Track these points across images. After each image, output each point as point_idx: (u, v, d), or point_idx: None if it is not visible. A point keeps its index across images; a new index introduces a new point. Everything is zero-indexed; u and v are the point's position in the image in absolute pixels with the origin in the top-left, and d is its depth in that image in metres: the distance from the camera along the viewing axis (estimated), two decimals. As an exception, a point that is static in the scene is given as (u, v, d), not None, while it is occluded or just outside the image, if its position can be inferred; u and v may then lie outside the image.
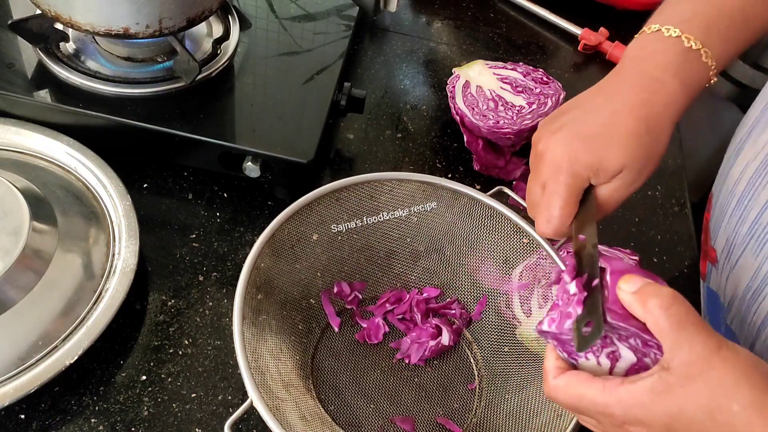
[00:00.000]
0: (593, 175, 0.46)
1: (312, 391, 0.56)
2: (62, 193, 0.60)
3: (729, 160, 0.62)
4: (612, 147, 0.45)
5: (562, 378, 0.41)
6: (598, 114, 0.47)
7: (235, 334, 0.49)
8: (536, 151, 0.48)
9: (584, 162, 0.45)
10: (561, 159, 0.46)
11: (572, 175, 0.45)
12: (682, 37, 0.47)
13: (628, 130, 0.45)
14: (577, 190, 0.46)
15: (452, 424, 0.56)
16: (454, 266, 0.62)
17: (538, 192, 0.48)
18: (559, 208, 0.46)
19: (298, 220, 0.57)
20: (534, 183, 0.48)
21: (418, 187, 0.60)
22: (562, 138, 0.46)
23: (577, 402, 0.40)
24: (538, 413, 0.52)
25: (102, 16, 0.60)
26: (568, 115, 0.48)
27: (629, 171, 0.46)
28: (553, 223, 0.46)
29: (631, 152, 0.45)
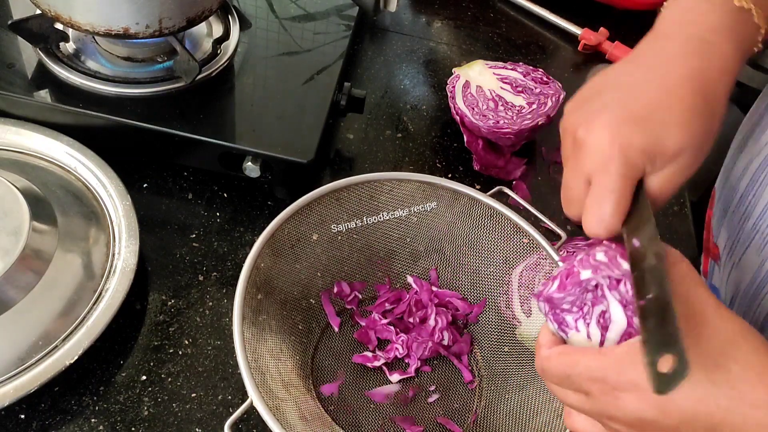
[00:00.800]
0: (649, 162, 0.39)
1: (312, 391, 0.56)
2: (62, 193, 0.60)
3: (732, 156, 0.61)
4: (669, 127, 0.39)
5: (556, 348, 0.39)
6: (645, 89, 0.40)
7: (235, 334, 0.49)
8: (575, 141, 0.41)
9: (639, 147, 0.38)
10: (611, 146, 0.39)
11: (626, 165, 0.39)
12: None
13: (684, 105, 0.39)
14: (631, 182, 0.39)
15: (452, 424, 0.56)
16: (454, 266, 0.62)
17: (580, 186, 0.41)
18: (613, 204, 0.39)
19: (298, 220, 0.57)
20: (574, 176, 0.41)
21: (418, 187, 0.60)
22: (608, 121, 0.39)
23: (570, 369, 0.37)
24: (538, 413, 0.52)
25: (102, 16, 0.60)
26: (606, 95, 0.41)
27: (688, 152, 0.39)
28: (606, 222, 0.39)
29: (691, 130, 0.39)
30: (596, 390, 0.37)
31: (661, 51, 0.42)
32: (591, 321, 0.39)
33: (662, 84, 0.40)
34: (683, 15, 0.43)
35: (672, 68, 0.41)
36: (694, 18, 0.43)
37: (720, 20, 0.42)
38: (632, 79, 0.42)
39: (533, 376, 0.55)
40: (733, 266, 0.57)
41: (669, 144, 0.39)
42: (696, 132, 0.39)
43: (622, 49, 0.87)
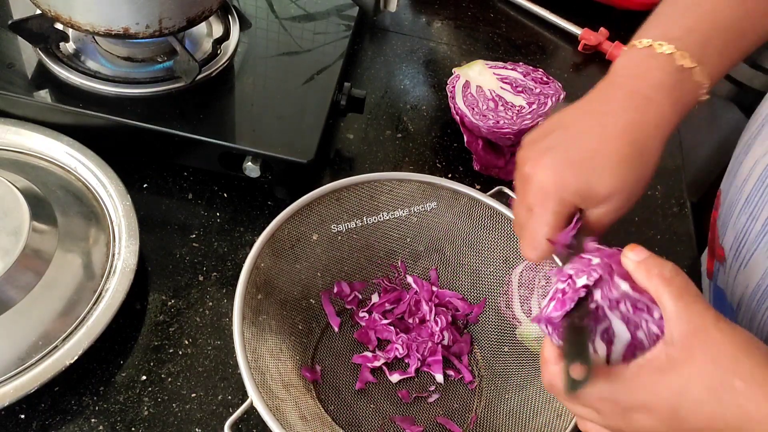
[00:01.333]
0: (581, 202, 0.45)
1: (312, 391, 0.56)
2: (62, 193, 0.60)
3: (738, 157, 0.61)
4: (601, 173, 0.44)
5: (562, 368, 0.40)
6: (587, 137, 0.45)
7: (235, 334, 0.49)
8: (522, 173, 0.46)
9: (572, 189, 0.44)
10: (549, 185, 0.44)
11: (559, 203, 0.44)
12: (675, 55, 0.46)
13: (618, 155, 0.44)
14: (564, 217, 0.45)
15: (452, 424, 0.56)
16: (454, 266, 0.62)
17: (524, 214, 0.47)
18: (545, 233, 0.45)
19: (298, 220, 0.57)
20: (520, 205, 0.47)
21: (418, 187, 0.60)
22: (550, 162, 0.45)
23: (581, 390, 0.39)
24: (538, 413, 0.52)
25: (102, 16, 0.60)
26: (555, 136, 0.46)
27: (619, 196, 0.44)
28: (538, 250, 0.45)
29: (621, 178, 0.44)
30: (607, 409, 0.39)
31: (606, 101, 0.47)
32: (596, 337, 0.40)
33: (601, 134, 0.45)
34: (632, 68, 0.47)
35: (612, 120, 0.45)
36: (640, 72, 0.46)
37: (662, 78, 0.45)
38: (580, 125, 0.46)
39: (533, 376, 0.55)
40: (740, 268, 0.57)
41: (600, 189, 0.44)
42: (626, 179, 0.44)
43: (621, 49, 0.87)
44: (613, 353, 0.39)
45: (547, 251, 0.45)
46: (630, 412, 0.38)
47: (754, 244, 0.55)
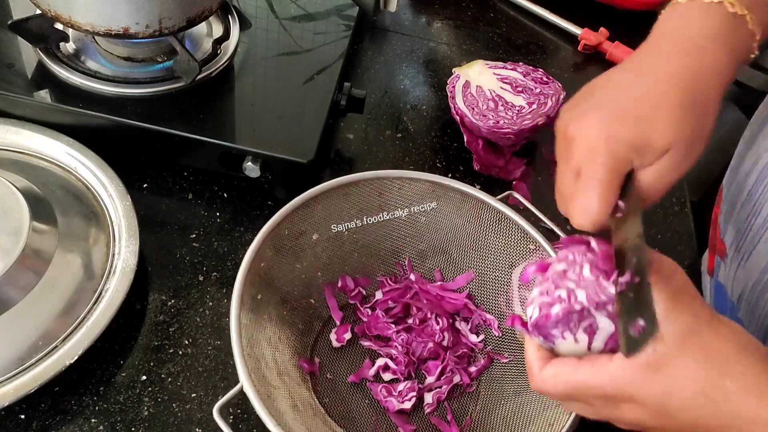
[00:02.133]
0: (637, 156, 0.39)
1: (308, 383, 0.56)
2: (62, 193, 0.60)
3: (740, 153, 0.61)
4: (657, 121, 0.39)
5: (549, 369, 0.40)
6: (635, 87, 0.41)
7: (231, 318, 0.49)
8: (565, 138, 0.42)
9: (625, 140, 0.39)
10: (597, 139, 0.39)
11: (612, 156, 0.39)
12: (725, 2, 0.42)
13: (675, 101, 0.39)
14: (618, 174, 0.39)
15: (444, 425, 0.55)
16: (460, 268, 0.62)
17: (571, 181, 0.41)
18: (599, 194, 0.39)
19: (304, 214, 0.57)
20: (565, 172, 0.42)
21: (427, 187, 0.60)
22: (597, 117, 0.40)
23: (570, 390, 0.39)
24: (532, 420, 0.52)
25: (102, 16, 0.60)
26: (598, 95, 0.42)
27: (678, 149, 0.39)
28: (591, 213, 0.39)
29: (680, 127, 0.39)
30: (598, 403, 0.39)
31: (652, 52, 0.43)
32: (578, 330, 0.39)
33: (652, 82, 0.41)
34: (677, 20, 0.44)
35: (663, 67, 0.41)
36: (687, 23, 0.43)
37: (713, 25, 0.42)
38: (624, 78, 0.43)
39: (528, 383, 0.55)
40: (741, 263, 0.57)
41: (656, 139, 0.39)
42: (684, 129, 0.40)
43: (622, 49, 0.87)
44: (595, 341, 0.39)
45: (601, 216, 0.39)
46: (620, 403, 0.37)
47: (755, 238, 0.55)
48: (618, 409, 0.38)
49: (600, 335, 0.39)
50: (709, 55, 0.41)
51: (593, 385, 0.38)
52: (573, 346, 0.39)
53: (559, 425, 0.49)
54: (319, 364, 0.57)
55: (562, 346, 0.40)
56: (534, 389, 0.41)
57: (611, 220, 0.39)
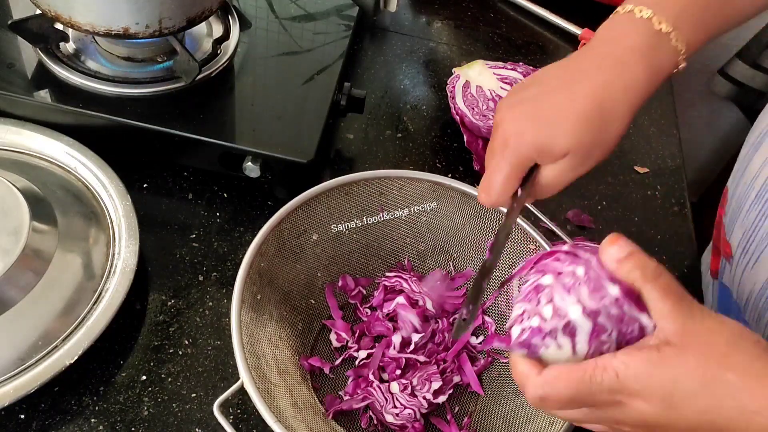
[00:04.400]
0: (538, 155, 0.46)
1: (308, 381, 0.56)
2: (62, 193, 0.60)
3: (747, 153, 0.61)
4: (559, 131, 0.45)
5: (548, 372, 0.39)
6: (555, 95, 0.46)
7: (232, 314, 0.49)
8: (495, 118, 0.48)
9: (530, 141, 0.45)
10: (509, 135, 0.46)
11: (517, 153, 0.46)
12: (653, 19, 0.46)
13: (579, 115, 0.45)
14: (519, 168, 0.46)
15: (443, 424, 0.55)
16: (461, 268, 0.62)
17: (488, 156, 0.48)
18: (500, 182, 0.46)
19: (305, 213, 0.57)
20: (489, 146, 0.49)
21: (428, 187, 0.60)
22: (516, 115, 0.46)
23: (573, 391, 0.38)
24: (532, 419, 0.52)
25: (102, 16, 0.60)
26: (529, 90, 0.48)
27: (574, 155, 0.45)
28: (491, 195, 0.47)
29: (579, 137, 0.45)
30: (600, 402, 0.38)
31: (583, 60, 0.48)
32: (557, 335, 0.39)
33: (570, 93, 0.46)
34: (611, 32, 0.49)
35: (584, 79, 0.46)
36: (618, 36, 0.48)
37: (639, 41, 0.46)
38: (553, 83, 0.48)
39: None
40: (748, 265, 0.57)
41: (557, 144, 0.45)
42: (583, 140, 0.45)
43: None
44: (578, 343, 0.38)
45: (499, 198, 0.47)
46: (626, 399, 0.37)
47: (764, 241, 0.55)
48: (623, 407, 0.38)
49: (580, 336, 0.38)
50: (628, 71, 0.46)
51: (598, 381, 0.37)
52: (558, 353, 0.39)
53: (559, 424, 0.49)
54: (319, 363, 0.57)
55: (548, 355, 0.39)
56: (531, 400, 0.40)
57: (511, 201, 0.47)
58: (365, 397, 0.55)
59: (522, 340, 0.40)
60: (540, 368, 0.40)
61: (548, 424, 0.50)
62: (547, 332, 0.39)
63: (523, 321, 0.41)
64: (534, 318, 0.40)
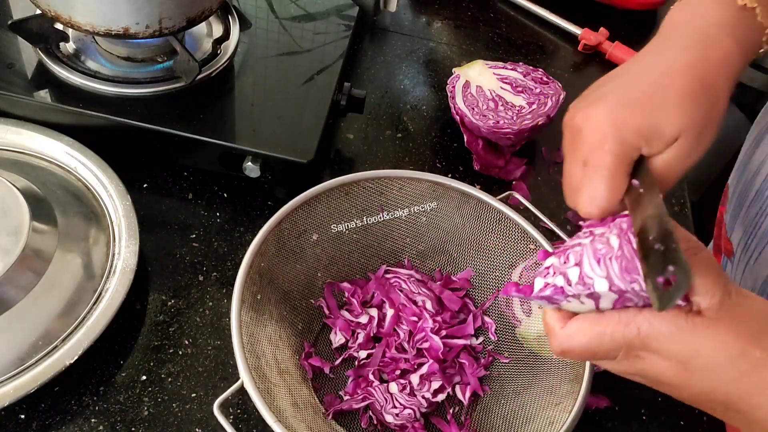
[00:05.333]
0: (645, 143, 0.39)
1: (308, 381, 0.56)
2: (62, 193, 0.60)
3: (748, 151, 0.61)
4: (666, 109, 0.39)
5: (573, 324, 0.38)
6: (644, 76, 0.41)
7: (232, 314, 0.49)
8: (572, 129, 0.41)
9: (633, 127, 0.39)
10: (605, 126, 0.39)
11: (620, 143, 0.39)
12: None
13: (683, 90, 0.39)
14: (626, 161, 0.39)
15: (443, 424, 0.55)
16: (461, 268, 0.62)
17: (578, 172, 0.40)
18: (606, 181, 0.38)
19: (305, 213, 0.57)
20: (573, 163, 0.41)
21: (428, 186, 0.60)
22: (604, 106, 0.40)
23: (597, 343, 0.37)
24: (532, 418, 0.52)
25: (102, 16, 0.60)
26: (607, 85, 0.42)
27: (687, 137, 0.39)
28: (598, 201, 0.39)
29: (689, 114, 0.39)
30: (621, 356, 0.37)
31: (662, 44, 0.43)
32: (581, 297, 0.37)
33: (661, 71, 0.41)
34: (687, 12, 0.44)
35: (672, 57, 0.41)
36: (697, 15, 0.43)
37: (723, 17, 0.42)
38: (633, 69, 0.43)
39: (529, 382, 0.55)
40: (749, 262, 0.57)
41: (665, 126, 0.39)
42: (693, 117, 0.39)
43: (622, 49, 0.87)
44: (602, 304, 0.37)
45: (609, 204, 0.39)
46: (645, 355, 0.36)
47: (764, 238, 0.55)
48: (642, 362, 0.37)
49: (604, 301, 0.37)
50: (718, 45, 0.41)
51: (619, 336, 0.36)
52: (580, 307, 0.38)
53: (559, 424, 0.49)
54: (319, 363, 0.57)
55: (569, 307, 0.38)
56: (556, 350, 0.39)
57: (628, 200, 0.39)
58: (365, 397, 0.55)
59: (543, 294, 0.38)
60: (565, 321, 0.38)
61: (548, 424, 0.50)
62: (569, 295, 0.38)
63: (548, 276, 0.39)
64: (559, 277, 0.38)
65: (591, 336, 0.37)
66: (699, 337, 0.35)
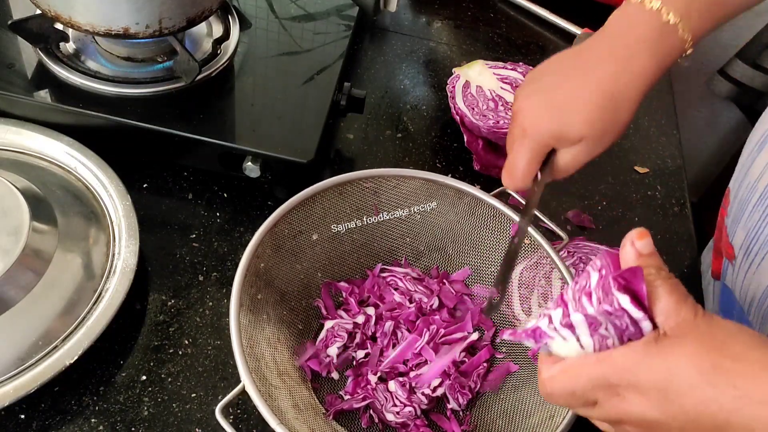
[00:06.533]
0: (555, 142, 0.50)
1: (308, 382, 0.56)
2: (62, 193, 0.60)
3: (750, 154, 0.61)
4: (574, 119, 0.49)
5: (556, 366, 0.40)
6: (570, 83, 0.50)
7: (231, 319, 0.49)
8: (514, 107, 0.52)
9: (547, 130, 0.50)
10: (528, 124, 0.50)
11: (536, 141, 0.50)
12: (662, 11, 0.49)
13: (592, 103, 0.49)
14: (538, 154, 0.51)
15: (444, 420, 0.56)
16: (456, 265, 0.62)
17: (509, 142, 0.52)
18: (521, 167, 0.51)
19: (300, 214, 0.57)
20: (509, 132, 0.53)
21: (422, 185, 0.60)
22: (533, 104, 0.50)
23: (575, 383, 0.39)
24: (532, 413, 0.52)
25: (102, 16, 0.60)
26: (544, 81, 0.52)
27: (588, 140, 0.49)
28: (514, 179, 0.51)
29: (592, 124, 0.49)
30: (601, 396, 0.38)
31: (595, 49, 0.51)
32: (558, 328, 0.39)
33: (582, 82, 0.50)
34: (622, 21, 0.52)
35: (594, 68, 0.50)
36: (627, 26, 0.51)
37: (647, 32, 0.49)
38: (567, 72, 0.51)
39: (528, 377, 0.55)
40: (751, 267, 0.57)
41: (572, 131, 0.49)
42: (596, 126, 0.49)
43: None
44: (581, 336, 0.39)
45: (521, 182, 0.51)
46: (623, 393, 0.37)
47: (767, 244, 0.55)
48: (623, 401, 0.37)
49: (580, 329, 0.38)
50: (637, 62, 0.49)
51: (596, 374, 0.37)
52: (565, 345, 0.39)
53: (559, 417, 0.49)
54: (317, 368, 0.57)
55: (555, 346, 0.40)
56: (542, 393, 0.41)
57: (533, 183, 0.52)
58: (365, 396, 0.55)
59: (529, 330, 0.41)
60: (552, 364, 0.40)
61: (548, 418, 0.50)
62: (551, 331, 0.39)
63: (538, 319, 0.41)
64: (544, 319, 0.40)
65: (570, 376, 0.39)
66: (669, 357, 0.36)
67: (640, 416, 0.37)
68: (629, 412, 0.38)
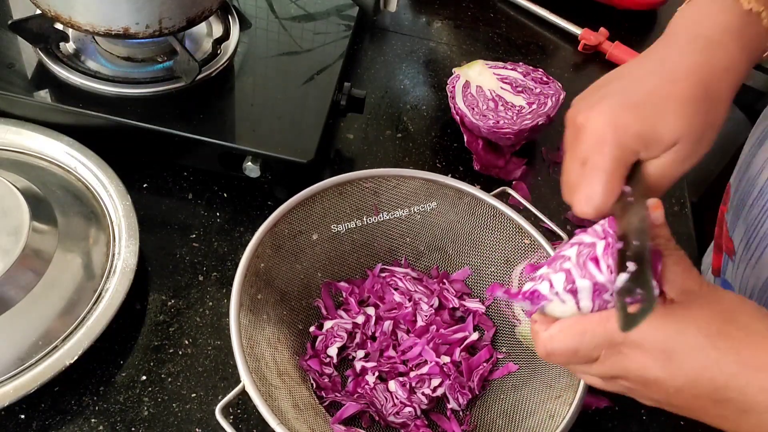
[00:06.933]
0: (643, 148, 0.40)
1: (308, 382, 0.56)
2: (62, 193, 0.60)
3: (751, 149, 0.61)
4: (666, 114, 0.39)
5: (555, 326, 0.39)
6: (648, 80, 0.41)
7: (231, 318, 0.49)
8: (574, 126, 0.42)
9: (633, 132, 0.39)
10: (605, 129, 0.39)
11: (618, 147, 0.39)
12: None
13: (685, 95, 0.39)
14: (623, 164, 0.39)
15: (444, 420, 0.56)
16: (456, 265, 0.62)
17: (577, 170, 0.41)
18: (603, 183, 0.39)
19: (300, 214, 0.57)
20: (572, 161, 0.42)
21: (422, 184, 0.60)
22: (607, 107, 0.40)
23: (579, 341, 0.37)
24: (533, 413, 0.52)
25: (102, 16, 0.60)
26: (611, 86, 0.42)
27: (685, 143, 0.40)
28: (594, 201, 0.39)
29: (689, 121, 0.39)
30: (603, 354, 0.38)
31: (667, 47, 0.43)
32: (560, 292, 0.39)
33: (664, 75, 0.41)
34: (693, 16, 0.44)
35: (675, 61, 0.41)
36: (702, 18, 0.43)
37: (728, 21, 0.42)
38: (637, 71, 0.43)
39: (528, 377, 0.55)
40: (750, 261, 0.57)
41: (664, 131, 0.39)
42: (693, 123, 0.40)
43: (622, 49, 0.87)
44: (581, 300, 0.38)
45: (604, 205, 0.39)
46: (626, 351, 0.37)
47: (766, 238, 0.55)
48: (624, 358, 0.37)
49: (583, 293, 0.38)
50: (722, 50, 0.41)
51: (600, 332, 0.37)
52: (562, 307, 0.39)
53: (559, 417, 0.49)
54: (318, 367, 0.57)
55: (551, 308, 0.39)
56: (540, 353, 0.40)
57: (616, 207, 0.39)
58: (365, 396, 0.55)
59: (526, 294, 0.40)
60: (548, 325, 0.39)
61: (548, 418, 0.50)
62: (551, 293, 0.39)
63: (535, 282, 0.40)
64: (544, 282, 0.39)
65: (573, 334, 0.38)
66: (678, 319, 0.36)
67: (640, 373, 0.37)
68: (629, 368, 0.37)
